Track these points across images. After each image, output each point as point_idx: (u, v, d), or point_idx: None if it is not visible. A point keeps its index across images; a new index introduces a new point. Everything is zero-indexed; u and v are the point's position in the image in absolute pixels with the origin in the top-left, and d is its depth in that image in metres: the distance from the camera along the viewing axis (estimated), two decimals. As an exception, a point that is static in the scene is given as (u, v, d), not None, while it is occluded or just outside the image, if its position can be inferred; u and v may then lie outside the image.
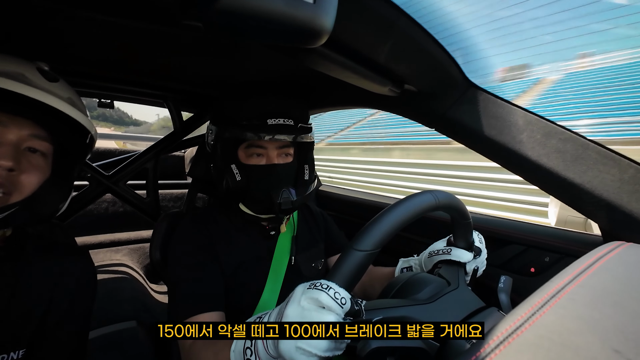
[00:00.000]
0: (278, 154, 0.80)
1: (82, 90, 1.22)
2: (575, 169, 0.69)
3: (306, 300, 0.42)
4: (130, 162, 1.46)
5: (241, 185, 0.77)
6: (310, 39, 0.39)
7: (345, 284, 0.44)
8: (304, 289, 0.44)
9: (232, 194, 0.79)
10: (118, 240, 1.84)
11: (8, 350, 0.56)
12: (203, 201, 2.13)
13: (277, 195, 0.76)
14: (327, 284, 0.42)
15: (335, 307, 0.41)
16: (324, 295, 0.41)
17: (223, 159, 0.79)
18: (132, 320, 1.22)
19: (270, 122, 0.75)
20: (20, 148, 0.57)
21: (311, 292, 0.42)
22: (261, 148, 0.79)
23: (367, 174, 9.26)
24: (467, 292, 0.59)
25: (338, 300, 0.41)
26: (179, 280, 0.74)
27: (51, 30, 0.73)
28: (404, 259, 0.83)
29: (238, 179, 0.77)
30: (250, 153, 0.79)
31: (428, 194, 0.53)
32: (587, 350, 0.30)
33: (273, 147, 0.79)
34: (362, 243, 0.45)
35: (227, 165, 0.78)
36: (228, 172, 0.78)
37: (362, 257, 0.45)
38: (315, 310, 0.41)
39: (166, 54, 0.90)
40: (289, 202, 0.77)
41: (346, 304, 0.42)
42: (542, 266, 0.89)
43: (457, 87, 0.80)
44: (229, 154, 0.79)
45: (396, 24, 0.58)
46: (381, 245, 0.46)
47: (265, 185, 0.78)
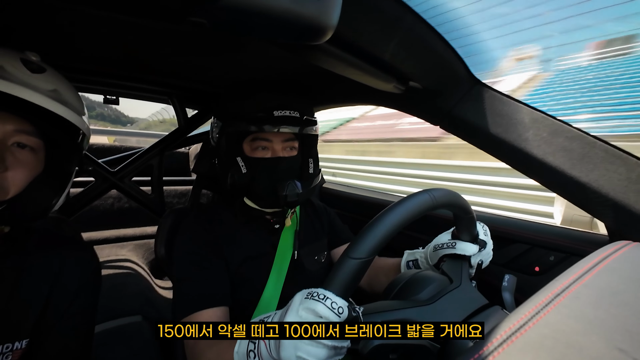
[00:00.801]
0: (283, 148, 0.81)
1: (88, 86, 1.23)
2: (581, 167, 0.68)
3: (304, 311, 0.43)
4: (136, 158, 1.48)
5: (247, 178, 0.77)
6: (315, 35, 0.39)
7: (341, 292, 0.44)
8: (301, 299, 0.44)
9: (237, 188, 0.78)
10: (123, 236, 1.86)
11: (13, 340, 0.57)
12: (207, 197, 2.14)
13: (283, 187, 0.76)
14: (323, 293, 0.43)
15: (333, 317, 0.41)
16: (321, 306, 0.42)
17: (228, 153, 0.79)
18: (137, 315, 1.24)
19: (276, 114, 0.76)
20: (7, 144, 0.55)
21: (308, 302, 0.43)
22: (266, 141, 0.79)
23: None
24: (470, 289, 0.59)
25: (335, 310, 0.42)
26: (183, 277, 0.75)
27: (57, 27, 0.73)
28: (409, 251, 0.82)
29: (244, 171, 0.77)
30: (256, 146, 0.79)
31: (424, 193, 0.51)
32: (591, 350, 0.30)
33: (278, 141, 0.80)
34: (358, 251, 0.44)
35: (233, 158, 0.78)
36: (233, 165, 0.78)
37: (358, 264, 0.44)
38: (313, 319, 0.42)
39: (171, 51, 0.90)
40: (295, 195, 0.77)
41: (343, 313, 0.42)
42: (546, 265, 0.88)
43: (463, 84, 0.79)
44: (234, 147, 0.79)
45: (401, 20, 0.57)
46: (378, 251, 0.46)
47: (270, 178, 0.78)
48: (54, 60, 1.00)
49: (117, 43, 0.85)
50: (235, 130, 0.78)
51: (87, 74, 1.10)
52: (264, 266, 0.81)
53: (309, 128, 0.80)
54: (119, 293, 1.39)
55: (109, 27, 0.73)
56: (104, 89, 1.26)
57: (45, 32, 0.76)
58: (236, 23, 0.36)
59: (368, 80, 0.73)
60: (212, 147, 0.88)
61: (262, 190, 0.79)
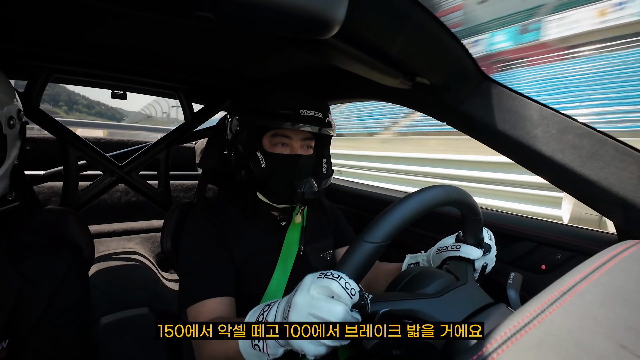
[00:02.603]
0: (301, 145, 0.82)
1: (96, 81, 1.24)
2: (591, 165, 0.67)
3: (316, 289, 0.42)
4: (143, 152, 1.49)
5: (266, 172, 0.78)
6: (322, 29, 0.39)
7: (354, 275, 0.44)
8: (313, 278, 0.44)
9: (254, 182, 0.79)
10: (131, 229, 1.88)
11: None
12: (213, 192, 2.16)
13: (301, 184, 0.78)
14: (337, 273, 0.43)
15: (346, 296, 0.41)
16: (335, 284, 0.41)
17: (248, 147, 0.80)
18: (145, 306, 1.26)
19: (302, 113, 0.77)
20: None
21: (322, 280, 0.42)
22: (286, 138, 0.80)
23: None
24: (476, 288, 0.59)
25: (348, 290, 0.42)
26: (189, 269, 0.76)
27: (63, 21, 0.74)
28: (411, 255, 0.82)
29: (263, 165, 0.78)
30: (276, 142, 0.81)
31: (439, 188, 0.52)
32: (598, 349, 0.30)
33: (298, 138, 0.81)
34: (373, 235, 0.45)
35: (252, 152, 0.79)
36: (253, 159, 0.78)
37: (371, 249, 0.45)
38: (325, 300, 0.41)
39: (178, 45, 0.90)
40: (312, 193, 0.78)
41: (355, 295, 0.42)
42: (553, 264, 0.87)
43: (471, 80, 0.78)
44: (254, 141, 0.80)
45: (409, 14, 0.56)
46: (391, 238, 0.46)
47: (288, 175, 0.79)
48: (61, 54, 1.01)
49: (124, 37, 0.85)
50: (259, 125, 0.79)
51: (94, 68, 1.11)
52: (269, 262, 0.82)
53: (327, 129, 0.82)
54: (127, 285, 1.41)
55: (117, 21, 0.74)
56: (111, 83, 1.28)
57: (51, 25, 0.77)
58: (243, 17, 0.36)
59: (374, 75, 0.72)
60: (227, 141, 0.89)
61: (279, 185, 0.80)
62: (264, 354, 0.47)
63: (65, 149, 1.29)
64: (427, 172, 6.54)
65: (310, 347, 0.41)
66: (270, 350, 0.46)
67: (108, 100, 52.60)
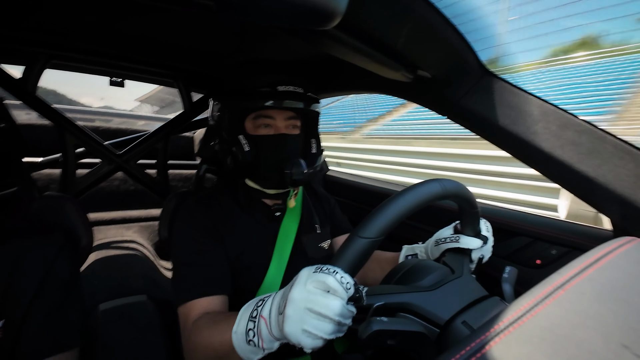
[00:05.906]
0: (286, 126, 0.79)
1: (94, 68, 1.23)
2: (589, 162, 0.67)
3: (312, 284, 0.43)
4: (141, 141, 1.48)
5: (250, 156, 0.75)
6: (323, 20, 0.38)
7: (349, 270, 0.44)
8: (309, 273, 0.44)
9: (240, 168, 0.77)
10: (129, 218, 1.88)
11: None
12: (212, 182, 2.16)
13: (289, 165, 0.75)
14: (333, 268, 0.43)
15: (341, 291, 0.42)
16: (331, 279, 0.42)
17: (230, 131, 0.77)
18: (143, 294, 1.27)
19: (280, 89, 0.75)
20: None
21: (318, 275, 0.43)
22: (269, 118, 0.77)
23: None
24: (471, 281, 0.59)
25: (344, 284, 0.42)
26: (181, 263, 0.74)
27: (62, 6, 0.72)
28: (408, 246, 0.82)
29: (246, 149, 0.75)
30: (259, 124, 0.78)
31: (435, 182, 0.52)
32: (589, 344, 0.30)
33: (281, 118, 0.78)
34: (367, 230, 0.45)
35: (234, 137, 0.76)
36: (236, 144, 0.76)
37: (366, 244, 0.45)
38: (321, 294, 0.42)
39: (178, 33, 0.89)
40: (300, 173, 0.75)
41: (350, 289, 0.43)
42: (548, 259, 0.88)
43: (473, 74, 0.78)
44: (236, 125, 0.77)
45: (412, 6, 0.56)
46: (386, 233, 0.46)
47: (275, 156, 0.76)
48: (60, 41, 1.00)
49: (124, 24, 0.84)
50: (238, 107, 0.76)
51: (92, 55, 1.10)
52: (265, 254, 0.80)
53: (313, 105, 0.79)
54: (125, 273, 1.42)
55: (117, 7, 0.72)
56: (109, 70, 1.26)
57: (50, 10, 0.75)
58: (243, 6, 0.35)
59: (376, 68, 0.72)
60: (212, 127, 0.86)
61: (267, 168, 0.77)
62: (259, 349, 0.47)
63: (63, 136, 1.28)
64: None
65: (308, 340, 0.41)
66: (266, 344, 0.46)
67: (65, 91, 51.20)
